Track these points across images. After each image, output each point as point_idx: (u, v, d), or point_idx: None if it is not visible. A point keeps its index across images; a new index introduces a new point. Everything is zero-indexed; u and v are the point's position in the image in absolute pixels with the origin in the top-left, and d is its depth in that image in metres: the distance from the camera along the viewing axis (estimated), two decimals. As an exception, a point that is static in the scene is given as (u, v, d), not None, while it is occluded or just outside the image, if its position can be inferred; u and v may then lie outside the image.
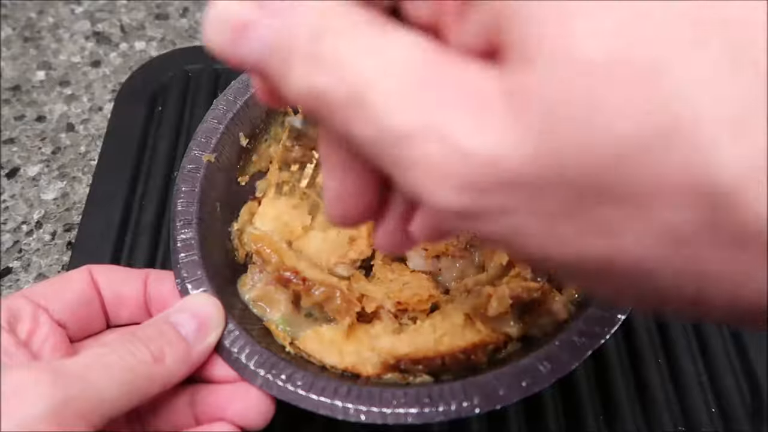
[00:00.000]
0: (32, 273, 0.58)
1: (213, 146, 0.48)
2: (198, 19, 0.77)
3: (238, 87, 0.50)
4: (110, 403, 0.32)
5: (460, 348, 0.42)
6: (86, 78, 0.72)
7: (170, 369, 0.36)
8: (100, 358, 0.33)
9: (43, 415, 0.29)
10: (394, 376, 0.42)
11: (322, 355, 0.42)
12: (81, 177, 0.64)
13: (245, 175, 0.51)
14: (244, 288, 0.46)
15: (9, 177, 0.63)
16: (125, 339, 0.35)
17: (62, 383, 0.30)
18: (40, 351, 0.36)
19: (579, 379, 0.49)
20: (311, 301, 0.44)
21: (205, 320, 0.39)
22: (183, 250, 0.43)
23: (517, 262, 0.45)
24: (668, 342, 0.51)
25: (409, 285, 0.46)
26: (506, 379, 0.38)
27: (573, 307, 0.44)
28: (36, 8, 0.78)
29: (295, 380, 0.38)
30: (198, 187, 0.46)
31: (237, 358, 0.39)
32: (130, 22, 0.77)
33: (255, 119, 0.51)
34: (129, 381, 0.33)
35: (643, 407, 0.48)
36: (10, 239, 0.59)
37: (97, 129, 0.67)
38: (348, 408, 0.38)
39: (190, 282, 0.42)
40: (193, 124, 0.63)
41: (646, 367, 0.50)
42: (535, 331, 0.44)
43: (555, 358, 0.39)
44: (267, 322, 0.44)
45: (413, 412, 0.37)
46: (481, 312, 0.44)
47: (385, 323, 0.44)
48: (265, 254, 0.45)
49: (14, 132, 0.67)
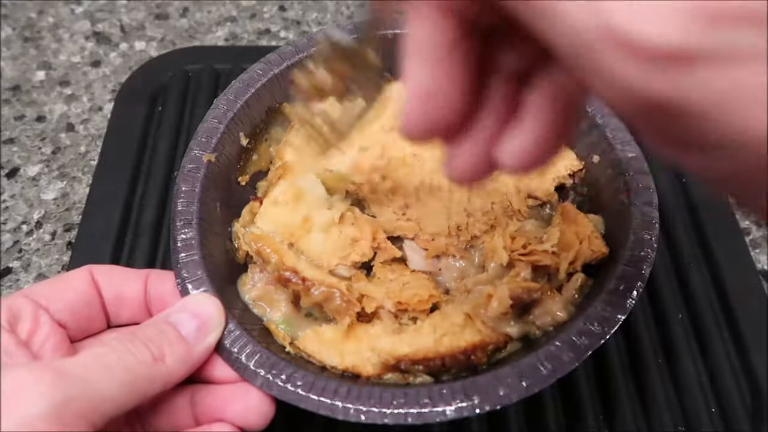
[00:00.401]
0: (32, 273, 0.58)
1: (213, 146, 0.48)
2: (198, 19, 0.77)
3: (238, 86, 0.50)
4: (110, 402, 0.32)
5: (460, 348, 0.42)
6: (86, 78, 0.72)
7: (170, 369, 0.36)
8: (100, 358, 0.33)
9: (43, 415, 0.29)
10: (394, 376, 0.42)
11: (322, 355, 0.42)
12: (81, 177, 0.64)
13: (245, 175, 0.51)
14: (245, 288, 0.46)
15: (9, 177, 0.63)
16: (125, 339, 0.35)
17: (62, 383, 0.30)
18: (40, 351, 0.36)
19: (579, 379, 0.49)
20: (311, 301, 0.44)
21: (205, 320, 0.39)
22: (183, 249, 0.43)
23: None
24: (668, 342, 0.51)
25: (409, 285, 0.46)
26: (506, 379, 0.38)
27: (573, 308, 0.44)
28: (36, 8, 0.78)
29: (295, 380, 0.38)
30: (198, 187, 0.46)
31: (237, 358, 0.39)
32: (130, 22, 0.77)
33: (255, 119, 0.51)
34: (129, 381, 0.33)
35: (643, 407, 0.48)
36: (10, 239, 0.59)
37: (97, 129, 0.67)
38: (348, 408, 0.38)
39: (190, 282, 0.42)
40: (193, 124, 0.63)
41: (646, 367, 0.50)
42: (535, 331, 0.44)
43: (555, 358, 0.39)
44: (267, 322, 0.44)
45: (413, 412, 0.38)
46: (481, 312, 0.44)
47: (385, 323, 0.44)
48: (265, 254, 0.45)
49: (14, 132, 0.67)
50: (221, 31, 0.76)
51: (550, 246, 0.45)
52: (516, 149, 0.25)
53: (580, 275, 0.45)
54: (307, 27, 0.77)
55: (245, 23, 0.77)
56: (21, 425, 0.29)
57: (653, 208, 0.45)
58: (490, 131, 0.26)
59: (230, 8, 0.79)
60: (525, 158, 0.25)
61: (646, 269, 0.43)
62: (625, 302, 0.41)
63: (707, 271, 0.55)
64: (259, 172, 0.53)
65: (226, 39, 0.75)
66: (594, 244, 0.46)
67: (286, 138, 0.53)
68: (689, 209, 0.58)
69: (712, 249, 0.56)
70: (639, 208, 0.45)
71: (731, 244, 0.56)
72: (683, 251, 0.56)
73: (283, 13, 0.78)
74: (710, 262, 0.55)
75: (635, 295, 0.41)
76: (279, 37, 0.76)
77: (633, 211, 0.45)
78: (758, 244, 0.59)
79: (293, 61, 0.52)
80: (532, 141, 0.25)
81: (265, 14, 0.78)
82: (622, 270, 0.43)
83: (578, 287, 0.45)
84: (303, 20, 0.78)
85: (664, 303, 0.53)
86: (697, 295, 0.53)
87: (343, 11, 0.79)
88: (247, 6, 0.79)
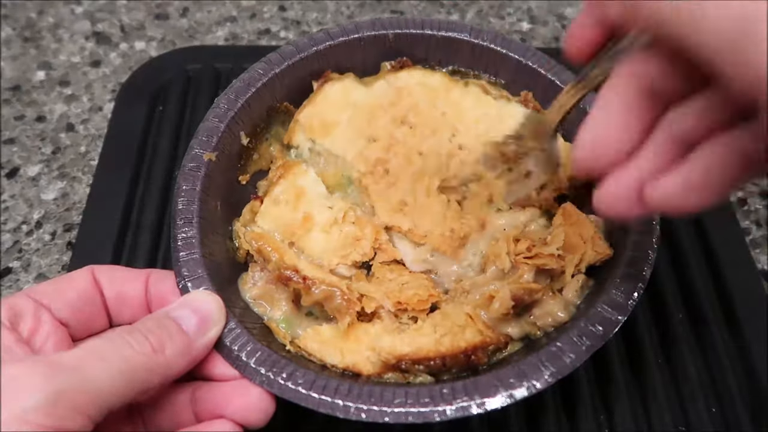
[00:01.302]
0: (32, 273, 0.57)
1: (214, 145, 0.48)
2: (198, 19, 0.77)
3: (239, 86, 0.50)
4: (108, 394, 0.32)
5: (461, 348, 0.42)
6: (86, 78, 0.72)
7: (170, 361, 0.35)
8: (96, 350, 0.33)
9: (38, 407, 0.29)
10: (394, 375, 0.42)
11: (322, 354, 0.42)
12: (81, 177, 0.64)
13: (246, 174, 0.51)
14: (245, 287, 0.46)
15: (9, 177, 0.63)
16: (124, 331, 0.35)
17: (56, 375, 0.30)
18: (41, 349, 0.36)
19: (579, 380, 0.49)
20: (311, 299, 0.44)
21: (206, 316, 0.39)
22: (184, 248, 0.43)
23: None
24: (669, 342, 0.51)
25: (409, 285, 0.46)
26: (507, 380, 0.38)
27: (574, 308, 0.44)
28: (36, 8, 0.78)
29: (295, 379, 0.38)
30: (199, 186, 0.46)
31: (238, 356, 0.39)
32: (130, 22, 0.77)
33: (256, 118, 0.51)
34: (127, 371, 0.33)
35: (643, 407, 0.48)
36: (10, 239, 0.59)
37: (97, 129, 0.67)
38: (349, 407, 0.38)
39: (190, 280, 0.42)
40: (193, 123, 0.63)
41: (647, 367, 0.50)
42: (536, 331, 0.44)
43: (556, 358, 0.39)
44: (268, 321, 0.44)
45: (414, 411, 0.38)
46: (482, 312, 0.44)
47: (385, 323, 0.44)
48: (266, 253, 0.45)
49: (14, 132, 0.67)
50: (221, 31, 0.76)
51: (555, 249, 0.45)
52: (667, 193, 0.28)
53: (581, 276, 0.45)
54: (307, 27, 0.77)
55: (245, 23, 0.77)
56: (16, 419, 0.29)
57: (654, 208, 0.45)
58: (648, 170, 0.29)
59: (230, 8, 0.79)
60: (677, 197, 0.28)
61: (647, 270, 0.43)
62: (626, 303, 0.41)
63: (707, 272, 0.55)
64: (260, 171, 0.53)
65: (226, 39, 0.76)
66: (597, 245, 0.46)
67: (298, 116, 0.53)
68: (689, 209, 0.58)
69: (713, 249, 0.56)
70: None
71: (731, 244, 0.56)
72: (684, 252, 0.56)
73: (283, 13, 0.78)
74: (710, 262, 0.55)
75: (636, 295, 0.42)
76: (279, 37, 0.76)
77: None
78: (758, 244, 0.59)
79: (294, 61, 0.52)
80: (686, 190, 0.28)
81: (265, 14, 0.78)
82: (622, 271, 0.43)
83: (579, 288, 0.45)
84: (303, 20, 0.78)
85: (665, 303, 0.53)
86: (697, 296, 0.53)
87: (343, 11, 0.79)
88: (247, 6, 0.79)
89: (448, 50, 0.55)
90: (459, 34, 0.54)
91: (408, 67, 0.55)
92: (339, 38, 0.54)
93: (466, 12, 0.79)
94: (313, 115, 0.52)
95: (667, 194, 0.28)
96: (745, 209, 0.62)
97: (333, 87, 0.53)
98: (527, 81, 0.54)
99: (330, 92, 0.53)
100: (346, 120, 0.52)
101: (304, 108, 0.53)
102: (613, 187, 0.30)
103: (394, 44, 0.55)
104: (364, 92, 0.53)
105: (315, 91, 0.54)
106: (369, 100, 0.53)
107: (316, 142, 0.51)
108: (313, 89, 0.54)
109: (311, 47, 0.53)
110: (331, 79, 0.54)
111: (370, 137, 0.51)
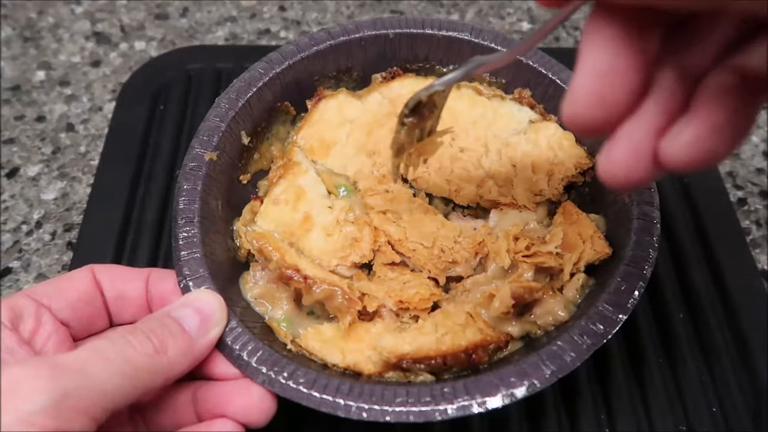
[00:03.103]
0: (32, 273, 0.57)
1: (215, 144, 0.48)
2: (198, 19, 0.77)
3: (240, 85, 0.50)
4: (111, 395, 0.32)
5: (462, 347, 0.42)
6: (86, 78, 0.72)
7: (172, 361, 0.35)
8: (100, 351, 0.33)
9: (43, 410, 0.29)
10: (395, 374, 0.42)
11: (323, 353, 0.42)
12: (81, 177, 0.64)
13: (247, 174, 0.51)
14: (246, 286, 0.46)
15: (9, 177, 0.63)
16: (127, 331, 0.35)
17: (60, 377, 0.30)
18: (42, 349, 0.36)
19: (580, 379, 0.49)
20: (312, 299, 0.44)
21: (207, 315, 0.39)
22: (185, 247, 0.43)
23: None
24: (669, 342, 0.51)
25: (410, 284, 0.46)
26: (508, 379, 0.38)
27: (574, 307, 0.44)
28: (36, 8, 0.78)
29: (297, 378, 0.38)
30: (200, 185, 0.46)
31: (239, 355, 0.39)
32: (130, 22, 0.77)
33: (257, 118, 0.51)
34: (130, 372, 0.33)
35: (644, 407, 0.48)
36: (10, 239, 0.59)
37: (97, 129, 0.67)
38: (350, 406, 0.38)
39: (191, 280, 0.42)
40: (194, 123, 0.63)
41: (647, 366, 0.50)
42: (536, 330, 0.44)
43: (556, 357, 0.39)
44: (269, 320, 0.44)
45: (415, 410, 0.38)
46: (482, 311, 0.44)
47: (386, 322, 0.44)
48: (267, 252, 0.45)
49: (14, 132, 0.67)
50: (221, 31, 0.76)
51: (553, 247, 0.45)
52: (686, 141, 0.24)
53: (582, 275, 0.45)
54: (307, 27, 0.77)
55: (245, 23, 0.77)
56: (20, 421, 0.28)
57: (654, 208, 0.45)
58: (655, 124, 0.25)
59: (230, 8, 0.79)
60: (694, 152, 0.24)
61: (648, 269, 0.43)
62: (627, 302, 0.41)
63: (708, 271, 0.55)
64: (261, 171, 0.53)
65: (226, 39, 0.76)
66: (597, 244, 0.46)
67: (296, 137, 0.53)
68: (690, 209, 0.58)
69: (713, 249, 0.56)
70: (640, 207, 0.45)
71: (731, 244, 0.56)
72: (684, 251, 0.56)
73: (283, 13, 0.78)
74: (711, 261, 0.55)
75: (636, 294, 0.42)
76: (279, 37, 0.76)
77: (634, 211, 0.45)
78: (758, 244, 0.59)
79: (294, 60, 0.52)
80: (707, 132, 0.24)
81: (265, 14, 0.78)
82: (623, 270, 0.43)
83: (579, 287, 0.45)
84: (303, 20, 0.78)
85: (666, 303, 0.53)
86: (698, 295, 0.53)
87: (343, 11, 0.79)
88: (247, 6, 0.79)
89: (449, 50, 0.55)
90: (460, 34, 0.54)
91: (399, 77, 0.55)
92: (340, 38, 0.54)
93: (466, 12, 0.79)
94: (311, 135, 0.52)
95: (685, 148, 0.24)
96: (745, 209, 0.62)
97: (327, 105, 0.53)
98: (527, 80, 0.54)
99: (325, 111, 0.53)
100: (345, 137, 0.52)
101: (301, 129, 0.53)
102: (620, 149, 0.26)
103: (394, 44, 0.55)
104: (359, 107, 0.54)
105: (310, 110, 0.54)
106: (365, 114, 0.53)
107: (317, 162, 0.51)
108: (315, 89, 0.54)
109: (312, 47, 0.53)
110: (325, 96, 0.54)
111: (370, 152, 0.51)
